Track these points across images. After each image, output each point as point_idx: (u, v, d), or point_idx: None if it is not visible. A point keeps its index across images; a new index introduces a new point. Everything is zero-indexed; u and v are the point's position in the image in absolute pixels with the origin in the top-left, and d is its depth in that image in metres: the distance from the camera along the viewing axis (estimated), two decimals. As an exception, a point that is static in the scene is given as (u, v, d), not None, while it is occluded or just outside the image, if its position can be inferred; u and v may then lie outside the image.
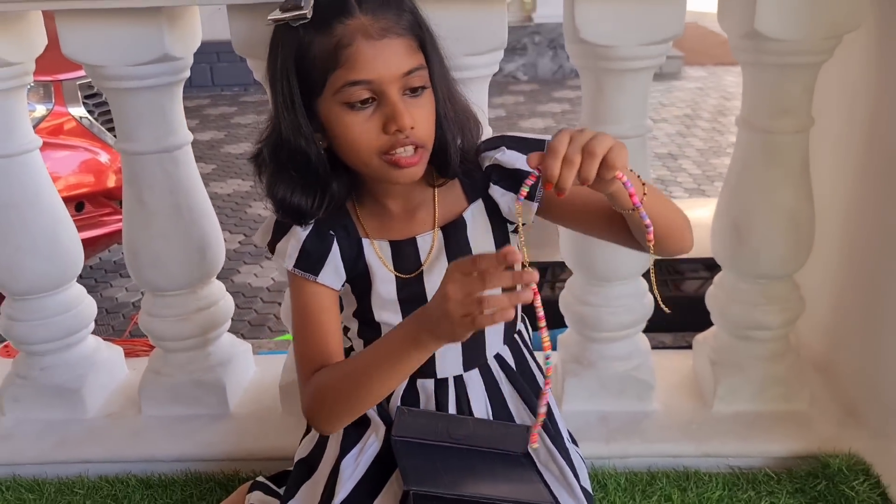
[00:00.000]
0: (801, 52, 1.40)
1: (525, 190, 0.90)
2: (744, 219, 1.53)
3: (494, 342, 1.22)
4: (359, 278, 1.15)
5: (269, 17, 1.00)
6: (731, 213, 1.56)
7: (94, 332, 1.79)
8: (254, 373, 1.83)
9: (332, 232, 1.12)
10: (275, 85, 1.02)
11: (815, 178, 1.53)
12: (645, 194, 0.95)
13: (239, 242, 4.18)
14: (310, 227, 1.11)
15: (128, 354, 1.92)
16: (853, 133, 1.62)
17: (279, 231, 1.13)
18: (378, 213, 1.14)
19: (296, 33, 0.98)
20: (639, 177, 0.95)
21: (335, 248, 1.13)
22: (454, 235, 1.14)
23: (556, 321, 1.80)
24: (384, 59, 0.96)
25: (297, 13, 0.98)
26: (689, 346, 2.14)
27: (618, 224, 1.05)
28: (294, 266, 1.11)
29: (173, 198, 1.55)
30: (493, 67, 1.43)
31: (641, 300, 1.62)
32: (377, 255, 1.13)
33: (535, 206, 1.11)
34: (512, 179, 1.11)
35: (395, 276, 1.14)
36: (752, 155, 1.51)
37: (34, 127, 3.38)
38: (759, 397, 1.62)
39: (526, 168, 1.03)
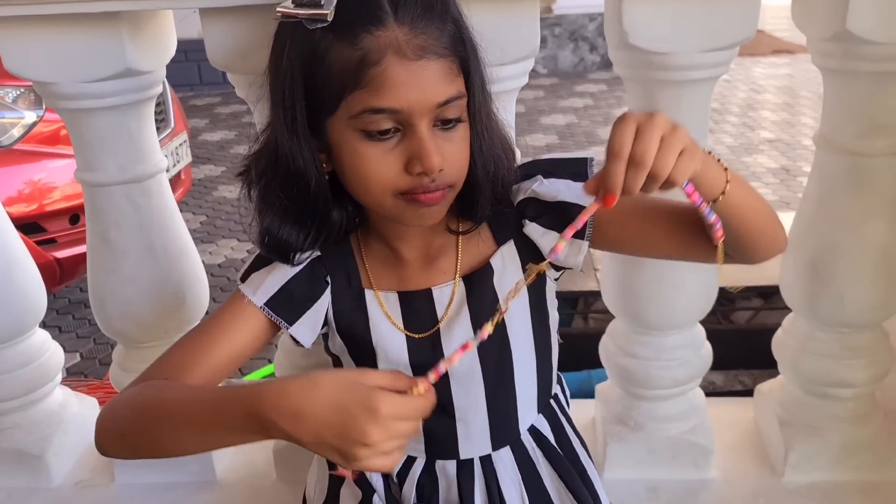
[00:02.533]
0: (901, 58, 1.14)
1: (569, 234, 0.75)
2: (824, 256, 1.28)
3: (528, 413, 1.01)
4: (358, 339, 0.95)
5: (277, 9, 0.79)
6: (807, 249, 1.30)
7: (89, 356, 1.56)
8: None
9: (328, 278, 0.93)
10: (276, 93, 0.83)
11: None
12: (728, 182, 0.79)
13: (247, 252, 3.98)
14: (303, 265, 0.92)
15: (105, 401, 1.68)
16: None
17: (262, 261, 0.93)
18: (388, 259, 0.95)
19: (310, 35, 0.78)
20: (719, 161, 0.79)
21: (326, 297, 0.93)
22: (478, 285, 0.93)
23: (592, 361, 1.56)
24: (418, 85, 0.77)
25: (314, 12, 0.77)
26: (745, 389, 1.89)
27: (682, 235, 0.88)
28: (265, 304, 0.91)
29: (144, 235, 1.32)
30: (523, 79, 1.19)
31: (699, 351, 1.37)
32: (383, 312, 0.93)
33: (585, 245, 0.91)
34: (555, 213, 0.90)
35: (406, 335, 0.93)
36: (836, 180, 1.25)
37: (24, 134, 3.25)
38: (840, 465, 1.37)
39: (570, 199, 0.89)
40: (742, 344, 1.91)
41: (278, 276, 0.91)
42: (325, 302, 0.93)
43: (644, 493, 1.39)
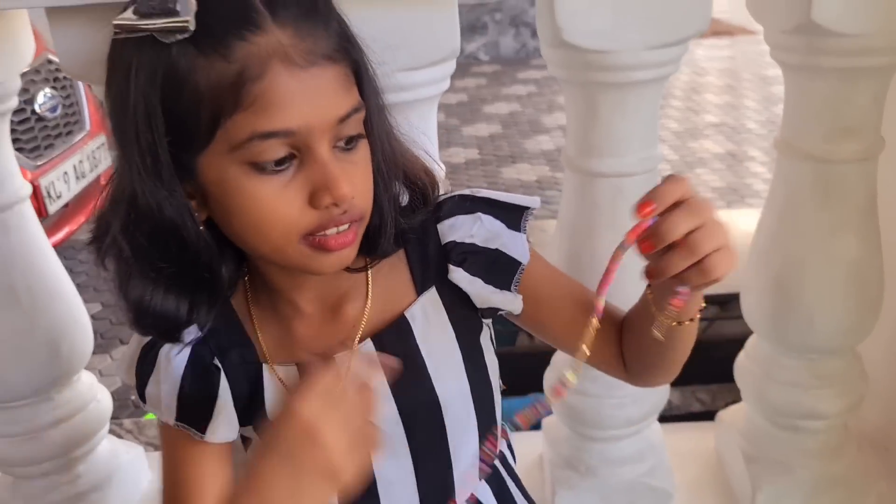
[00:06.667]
0: (872, 52, 1.01)
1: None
2: (790, 275, 1.14)
3: (467, 482, 0.85)
4: (261, 422, 0.78)
5: (115, 22, 0.61)
6: (771, 267, 1.16)
7: None
8: (148, 484, 1.40)
9: (217, 362, 0.77)
10: (125, 132, 0.64)
11: (881, 219, 1.14)
12: (700, 311, 0.74)
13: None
14: (185, 359, 0.76)
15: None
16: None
17: (144, 364, 0.78)
18: (283, 319, 0.78)
19: (163, 53, 0.61)
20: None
21: (224, 387, 0.77)
22: (396, 343, 0.78)
23: (538, 383, 1.40)
24: (313, 97, 0.63)
25: (169, 21, 0.60)
26: (704, 411, 1.77)
27: (610, 344, 0.82)
28: (177, 420, 0.77)
29: (5, 278, 1.11)
30: (443, 84, 1.01)
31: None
32: (283, 391, 0.77)
33: (517, 297, 0.80)
34: (484, 259, 0.78)
35: None
36: (800, 189, 1.11)
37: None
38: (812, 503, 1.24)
39: (508, 250, 0.78)
40: (697, 356, 1.77)
41: (168, 388, 0.77)
42: (225, 392, 0.77)
43: (598, 545, 1.24)
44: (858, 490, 1.24)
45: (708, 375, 1.77)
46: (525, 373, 1.58)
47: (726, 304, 1.87)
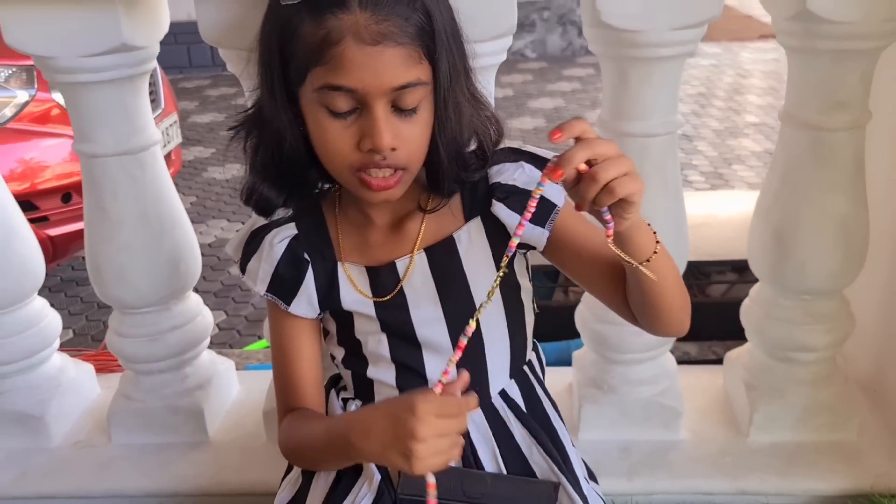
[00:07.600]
0: (859, 37, 1.20)
1: (528, 213, 0.77)
2: (788, 227, 1.35)
3: (499, 378, 1.06)
4: (336, 307, 1.03)
5: None
6: (772, 220, 1.37)
7: (82, 332, 1.61)
8: (237, 393, 1.67)
9: (307, 256, 1.01)
10: (260, 58, 0.91)
11: (868, 180, 1.34)
12: (655, 251, 0.85)
13: (236, 231, 4.01)
14: (283, 248, 1.00)
15: (100, 370, 1.75)
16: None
17: (250, 246, 1.02)
18: (360, 226, 1.02)
19: (286, 11, 0.85)
20: (655, 233, 0.86)
21: (309, 275, 1.01)
22: (442, 256, 1.00)
23: (571, 332, 1.62)
24: (374, 68, 0.83)
25: None
26: (717, 359, 1.96)
27: (618, 290, 0.95)
28: (267, 291, 1.01)
29: (139, 206, 1.38)
30: (500, 56, 1.24)
31: (669, 318, 1.43)
32: (351, 284, 1.01)
33: (545, 233, 0.97)
34: (524, 198, 0.95)
35: (374, 301, 1.01)
36: (799, 154, 1.32)
37: (17, 114, 3.26)
38: (802, 426, 1.44)
39: (546, 194, 0.93)
40: (716, 316, 1.98)
41: (266, 266, 1.00)
42: (310, 280, 1.01)
43: (617, 453, 1.46)
44: (842, 416, 1.44)
45: (724, 332, 1.96)
46: (560, 324, 1.81)
47: (743, 271, 2.06)
